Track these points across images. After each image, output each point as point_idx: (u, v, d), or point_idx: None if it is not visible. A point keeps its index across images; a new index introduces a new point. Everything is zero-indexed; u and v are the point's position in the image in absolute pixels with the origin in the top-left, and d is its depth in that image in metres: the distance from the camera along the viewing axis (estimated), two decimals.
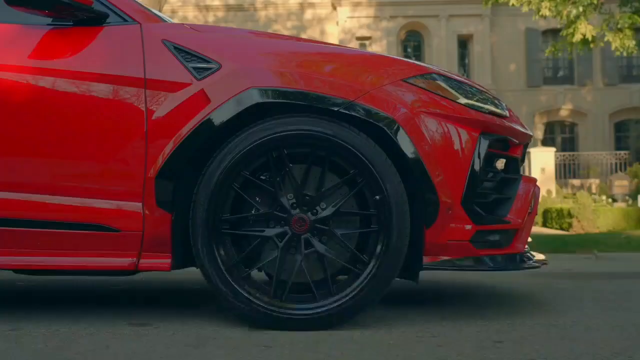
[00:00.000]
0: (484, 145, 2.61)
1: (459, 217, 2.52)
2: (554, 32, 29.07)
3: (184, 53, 2.50)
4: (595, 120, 31.80)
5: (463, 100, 2.64)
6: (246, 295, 2.42)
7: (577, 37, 15.24)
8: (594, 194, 19.61)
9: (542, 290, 3.62)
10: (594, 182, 22.91)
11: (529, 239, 2.89)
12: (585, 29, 15.08)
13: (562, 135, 33.38)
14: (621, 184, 19.87)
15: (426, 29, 32.15)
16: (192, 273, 2.74)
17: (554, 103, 33.22)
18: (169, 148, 2.43)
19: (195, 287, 3.77)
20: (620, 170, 24.63)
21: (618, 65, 33.03)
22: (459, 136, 2.57)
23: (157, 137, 2.44)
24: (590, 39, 15.40)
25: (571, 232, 14.19)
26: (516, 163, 2.89)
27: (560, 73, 32.81)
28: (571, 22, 15.32)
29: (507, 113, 2.82)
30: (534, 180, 2.94)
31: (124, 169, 2.46)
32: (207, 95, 2.45)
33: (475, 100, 2.68)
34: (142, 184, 2.44)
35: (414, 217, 2.48)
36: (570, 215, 15.06)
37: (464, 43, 33.14)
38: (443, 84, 2.63)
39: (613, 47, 15.60)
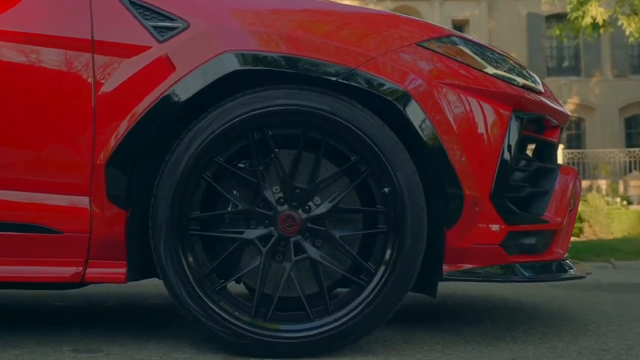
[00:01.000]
0: (516, 125, 2.42)
1: (488, 215, 2.33)
2: (558, 18, 28.85)
3: (142, 9, 2.31)
4: (604, 115, 31.59)
5: (490, 70, 2.46)
6: (221, 313, 2.22)
7: (587, 20, 14.99)
8: (606, 195, 19.47)
9: (573, 303, 3.54)
10: (605, 183, 22.80)
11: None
12: (596, 12, 14.88)
13: (567, 132, 32.90)
14: (637, 184, 19.69)
15: (418, 13, 32.05)
16: (155, 285, 2.54)
17: (558, 96, 31.78)
18: (122, 129, 2.24)
19: (159, 303, 3.59)
20: (635, 169, 24.34)
21: (629, 54, 32.98)
22: (487, 114, 2.38)
23: (108, 114, 2.25)
24: (601, 23, 15.17)
25: (582, 238, 13.99)
26: (553, 149, 2.72)
27: (565, 63, 32.70)
28: (580, 4, 15.08)
29: (541, 87, 2.64)
30: (574, 171, 2.76)
31: (65, 155, 2.28)
32: (172, 61, 2.26)
33: (504, 70, 2.49)
34: (89, 174, 2.25)
35: (431, 215, 2.28)
36: (580, 219, 14.86)
37: (459, 29, 32.55)
38: (465, 49, 2.45)
39: (627, 32, 15.41)
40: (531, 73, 2.74)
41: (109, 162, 2.24)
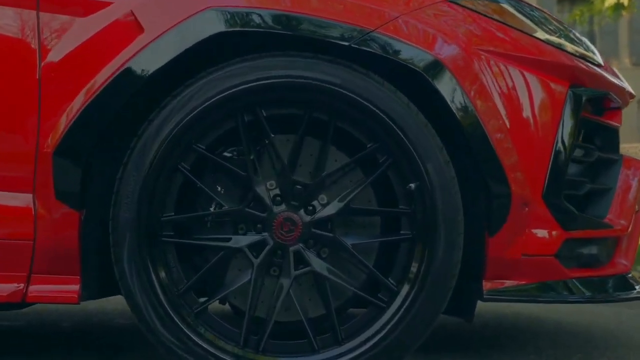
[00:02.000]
0: (574, 105, 2.23)
1: (540, 218, 2.18)
2: (571, 1, 28.74)
3: None
4: None
5: (541, 34, 2.28)
6: (201, 343, 2.06)
7: (610, 1, 14.81)
8: None
9: (625, 324, 3.34)
10: None
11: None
12: None
13: None
14: None
15: None
16: (123, 300, 2.26)
17: None
18: (75, 107, 2.08)
19: (126, 324, 3.37)
20: None
21: None
22: (539, 90, 2.21)
23: (57, 89, 2.09)
24: (625, 3, 14.98)
25: None
26: (615, 136, 2.52)
27: None
28: None
29: (600, 59, 2.47)
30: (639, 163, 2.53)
31: (1, 141, 2.13)
32: (139, 21, 2.09)
33: (558, 36, 2.33)
34: (33, 165, 2.09)
35: (469, 219, 2.12)
36: None
37: None
38: (509, 8, 2.30)
39: None
40: (584, 40, 2.54)
41: (58, 150, 2.08)
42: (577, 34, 2.52)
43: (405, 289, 2.11)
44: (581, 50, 2.38)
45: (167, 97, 2.06)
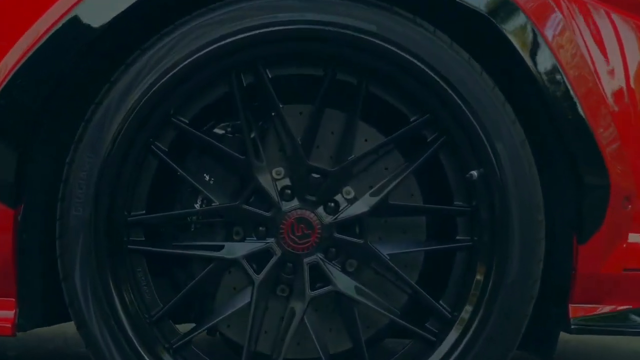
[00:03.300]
0: None
1: None
2: None
3: None
4: None
5: None
6: None
7: None
8: None
9: None
10: None
11: None
12: None
13: None
14: None
15: None
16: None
17: None
18: (6, 67, 1.99)
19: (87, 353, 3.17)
20: None
21: None
22: None
23: None
24: None
25: None
26: None
27: None
28: None
29: None
30: None
31: None
32: None
33: None
34: None
35: (550, 220, 2.02)
36: None
37: None
38: None
39: None
40: None
41: None
42: None
43: (464, 316, 2.00)
44: None
45: (136, 52, 1.95)
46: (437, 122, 1.98)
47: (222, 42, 1.92)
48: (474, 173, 1.97)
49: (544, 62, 1.98)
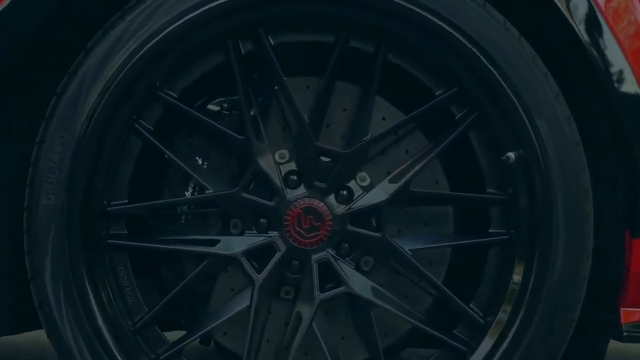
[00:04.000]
0: None
1: None
2: None
3: None
4: None
5: None
6: None
7: None
8: None
9: None
10: None
11: None
12: None
13: None
14: None
15: None
16: None
17: None
18: None
19: None
20: None
21: None
22: None
23: None
24: None
25: None
26: None
27: None
28: None
29: None
30: None
31: None
32: None
33: None
34: None
35: (598, 210, 1.92)
36: None
37: None
38: None
39: None
40: None
41: None
42: None
43: (500, 322, 1.91)
44: None
45: (117, 13, 1.87)
46: (467, 95, 1.87)
47: (216, 2, 1.82)
48: (511, 155, 1.86)
49: (594, 26, 1.89)
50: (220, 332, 1.98)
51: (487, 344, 1.88)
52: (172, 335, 2.03)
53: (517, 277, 1.89)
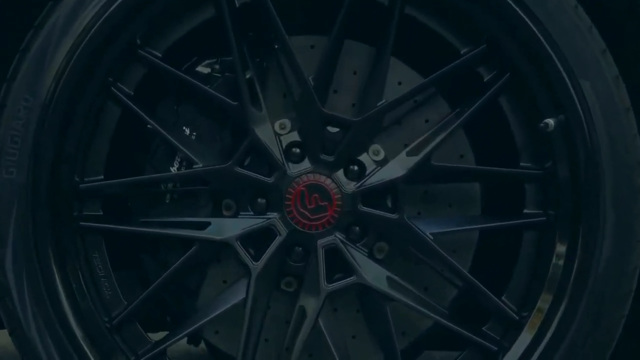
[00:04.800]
0: None
1: None
2: None
3: None
4: None
5: None
6: None
7: None
8: None
9: None
10: None
11: None
12: None
13: None
14: None
15: None
16: None
17: None
18: None
19: None
20: None
21: None
22: None
23: None
24: None
25: None
26: None
27: None
28: None
29: None
30: None
31: None
32: None
33: None
34: None
35: None
36: None
37: None
38: None
39: None
40: None
41: None
42: None
43: (537, 317, 1.80)
44: None
45: None
46: (498, 54, 1.74)
47: None
48: (550, 122, 1.73)
49: None
50: (211, 331, 1.88)
51: (522, 342, 1.76)
52: (157, 334, 1.93)
53: (557, 264, 1.76)
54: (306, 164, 1.78)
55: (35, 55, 1.72)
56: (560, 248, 1.76)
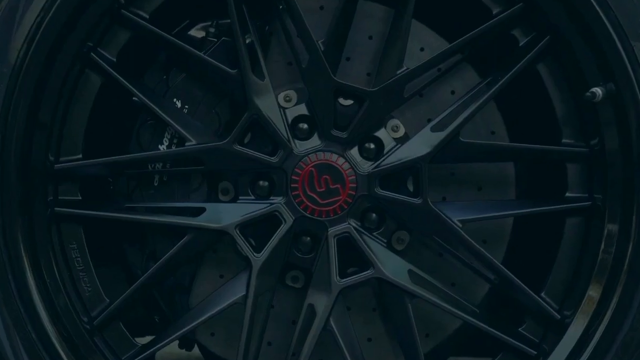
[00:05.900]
0: None
1: None
2: None
3: None
4: None
5: None
6: None
7: None
8: None
9: None
10: None
11: None
12: None
13: None
14: None
15: None
16: None
17: None
18: None
19: None
20: None
21: None
22: None
23: None
24: None
25: None
26: None
27: None
28: None
29: None
30: None
31: None
32: None
33: None
34: None
35: None
36: None
37: None
38: None
39: None
40: None
41: None
42: None
43: (583, 316, 1.68)
44: None
45: None
46: (537, 14, 1.63)
47: None
48: (598, 91, 1.60)
49: None
50: (205, 333, 1.78)
51: (565, 345, 1.65)
52: (144, 338, 1.85)
53: (604, 259, 1.65)
54: (315, 141, 1.68)
55: (3, 15, 1.62)
56: (610, 237, 1.65)
